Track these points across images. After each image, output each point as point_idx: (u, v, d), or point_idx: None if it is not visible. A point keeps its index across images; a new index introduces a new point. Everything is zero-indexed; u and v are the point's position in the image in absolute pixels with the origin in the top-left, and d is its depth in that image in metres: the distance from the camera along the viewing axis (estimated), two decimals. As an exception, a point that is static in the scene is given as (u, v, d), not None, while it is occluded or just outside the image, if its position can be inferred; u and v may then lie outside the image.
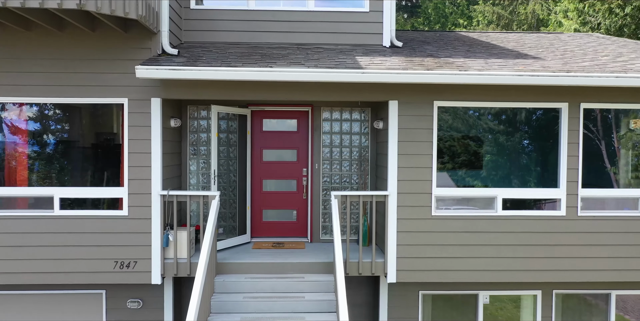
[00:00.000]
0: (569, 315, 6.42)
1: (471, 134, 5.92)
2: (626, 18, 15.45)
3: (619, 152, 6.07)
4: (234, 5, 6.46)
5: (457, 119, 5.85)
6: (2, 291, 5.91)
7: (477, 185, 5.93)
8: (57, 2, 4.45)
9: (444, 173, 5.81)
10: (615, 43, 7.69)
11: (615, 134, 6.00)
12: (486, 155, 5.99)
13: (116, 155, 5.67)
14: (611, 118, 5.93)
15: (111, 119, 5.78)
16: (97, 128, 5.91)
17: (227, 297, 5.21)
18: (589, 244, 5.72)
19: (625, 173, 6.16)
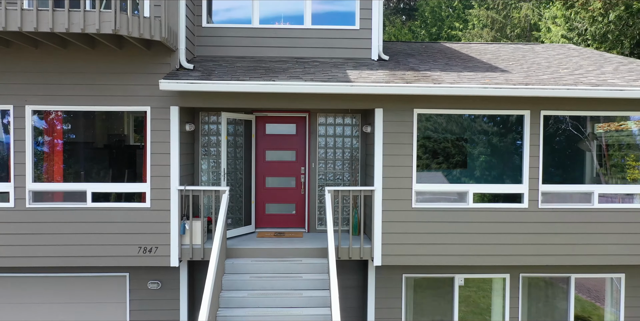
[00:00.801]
0: (535, 296, 7.38)
1: (448, 137, 6.87)
2: (610, 25, 16.35)
3: (593, 152, 7.03)
4: (240, 24, 7.42)
5: (435, 124, 6.81)
6: (39, 274, 6.85)
7: (452, 181, 6.88)
8: (96, 28, 5.41)
9: (424, 171, 6.77)
10: (581, 55, 8.66)
11: (583, 136, 6.96)
12: (461, 155, 6.94)
13: (139, 156, 6.63)
14: (577, 122, 6.89)
15: (136, 124, 6.75)
16: (122, 132, 6.87)
17: (236, 277, 6.16)
18: (549, 232, 6.67)
19: (590, 171, 7.14)
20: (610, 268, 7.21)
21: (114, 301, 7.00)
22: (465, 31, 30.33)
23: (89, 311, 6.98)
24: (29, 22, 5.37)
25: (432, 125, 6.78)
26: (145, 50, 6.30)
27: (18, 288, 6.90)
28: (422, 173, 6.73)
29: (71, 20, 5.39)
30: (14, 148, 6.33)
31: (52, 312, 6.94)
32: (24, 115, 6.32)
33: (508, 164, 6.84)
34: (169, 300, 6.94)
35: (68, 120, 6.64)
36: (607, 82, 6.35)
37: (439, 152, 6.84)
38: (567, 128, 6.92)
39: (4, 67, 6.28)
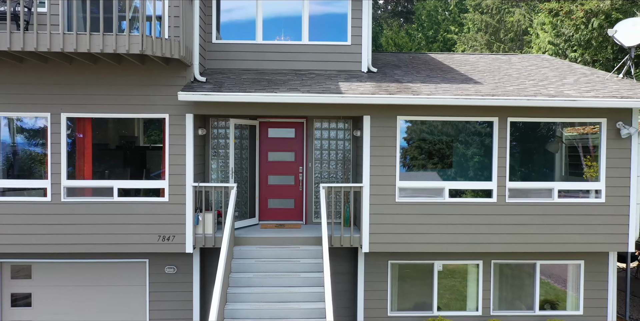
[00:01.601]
0: (505, 281, 8.45)
1: (428, 140, 7.94)
2: (593, 32, 17.36)
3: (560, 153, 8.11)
4: (245, 40, 8.49)
5: (417, 129, 7.88)
6: (72, 260, 7.92)
7: (432, 179, 7.95)
8: (126, 49, 6.49)
9: (405, 169, 7.84)
10: (551, 66, 9.73)
11: (550, 139, 8.04)
12: (439, 156, 8.00)
13: (148, 156, 7.72)
14: (545, 127, 7.96)
15: (155, 129, 7.82)
16: (135, 135, 7.95)
17: (242, 261, 7.24)
18: (516, 224, 7.74)
19: (559, 170, 8.22)
20: (571, 256, 8.28)
21: (136, 285, 8.07)
22: (461, 35, 31.33)
23: (113, 293, 8.05)
24: (69, 44, 6.45)
25: (417, 130, 7.86)
26: (164, 65, 7.36)
27: (54, 272, 7.98)
28: (404, 172, 7.80)
29: (105, 43, 6.47)
30: (51, 150, 7.39)
31: (83, 294, 8.01)
32: (59, 122, 7.38)
33: (480, 164, 7.90)
34: (183, 282, 8.01)
35: (95, 126, 7.70)
36: (563, 93, 7.42)
37: (422, 153, 7.91)
38: (536, 132, 8.00)
39: (42, 80, 7.35)
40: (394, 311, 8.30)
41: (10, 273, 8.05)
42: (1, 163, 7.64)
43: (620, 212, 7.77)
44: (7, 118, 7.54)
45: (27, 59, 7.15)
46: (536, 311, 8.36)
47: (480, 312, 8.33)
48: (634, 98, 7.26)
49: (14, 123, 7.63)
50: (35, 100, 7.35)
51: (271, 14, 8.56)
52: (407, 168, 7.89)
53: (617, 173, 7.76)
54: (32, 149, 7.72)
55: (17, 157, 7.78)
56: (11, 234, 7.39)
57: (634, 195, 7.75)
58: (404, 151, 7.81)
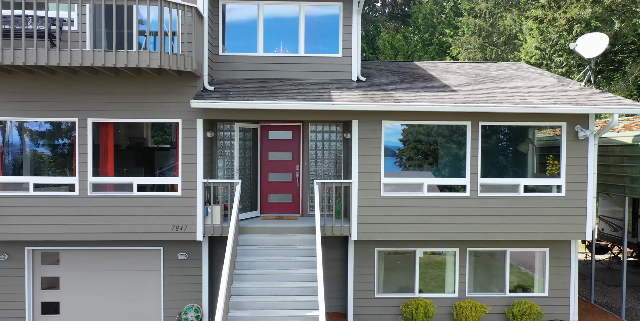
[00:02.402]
0: (479, 266, 9.60)
1: (410, 140, 9.09)
2: (575, 38, 18.48)
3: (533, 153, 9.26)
4: (248, 52, 9.65)
5: (403, 131, 9.03)
6: (96, 247, 9.08)
7: (414, 175, 9.10)
8: (147, 64, 7.64)
9: (391, 167, 8.99)
10: (524, 74, 10.89)
11: (520, 140, 9.19)
12: (419, 156, 9.16)
13: (164, 155, 8.86)
14: (516, 129, 9.11)
15: (167, 132, 8.98)
16: (157, 138, 9.10)
17: (247, 247, 8.39)
18: (487, 215, 8.88)
19: (531, 168, 9.37)
20: (537, 244, 9.44)
21: (151, 269, 9.22)
22: (456, 38, 32.46)
23: (132, 278, 9.21)
24: (98, 60, 7.60)
25: (403, 132, 9.01)
26: (177, 76, 8.51)
27: (80, 259, 9.14)
28: (389, 169, 8.95)
29: (129, 58, 7.62)
30: (79, 151, 8.55)
31: (104, 278, 9.17)
32: (86, 126, 8.54)
33: (456, 162, 9.05)
34: (193, 267, 9.16)
35: (116, 129, 8.86)
36: (526, 100, 8.57)
37: (407, 153, 9.07)
38: (509, 134, 9.17)
39: (71, 89, 8.50)
40: (381, 293, 9.46)
41: (41, 260, 9.20)
42: (31, 162, 8.79)
43: (578, 204, 8.92)
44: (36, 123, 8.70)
45: (58, 71, 8.30)
46: (507, 294, 9.52)
47: (457, 294, 9.49)
48: (587, 105, 8.42)
49: (44, 127, 8.79)
50: (65, 107, 8.50)
51: (271, 29, 9.71)
52: (396, 165, 9.04)
53: (575, 171, 8.91)
54: (59, 150, 8.87)
55: (45, 156, 8.93)
56: (43, 224, 8.53)
57: (590, 190, 8.91)
58: (386, 151, 8.95)
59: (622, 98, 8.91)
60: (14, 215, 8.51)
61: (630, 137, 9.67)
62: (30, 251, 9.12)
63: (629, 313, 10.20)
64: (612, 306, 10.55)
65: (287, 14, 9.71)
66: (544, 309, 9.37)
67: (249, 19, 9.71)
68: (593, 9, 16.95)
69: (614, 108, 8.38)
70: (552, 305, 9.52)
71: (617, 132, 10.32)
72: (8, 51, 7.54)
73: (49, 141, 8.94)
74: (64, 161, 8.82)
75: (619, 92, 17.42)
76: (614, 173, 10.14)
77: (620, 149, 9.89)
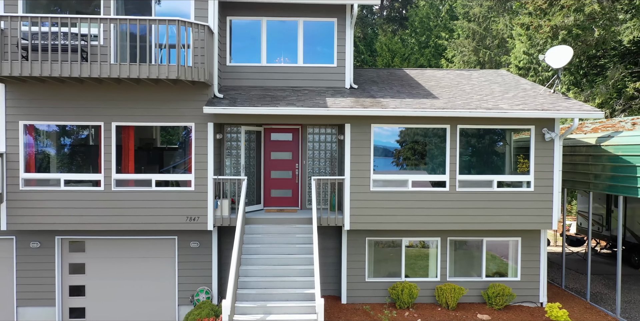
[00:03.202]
0: (458, 254, 10.86)
1: (398, 141, 10.35)
2: (560, 44, 19.73)
3: (510, 153, 10.51)
4: (253, 63, 10.92)
5: (389, 134, 10.29)
6: (118, 237, 10.34)
7: (400, 173, 10.36)
8: (166, 75, 8.90)
9: (380, 164, 10.25)
10: (503, 81, 12.15)
11: (497, 141, 10.45)
12: (406, 155, 10.42)
13: (179, 155, 10.11)
14: (493, 131, 10.36)
15: (170, 133, 10.25)
16: (172, 140, 10.36)
17: (252, 235, 9.66)
18: (465, 207, 10.14)
19: (508, 166, 10.62)
20: (510, 233, 10.71)
21: (167, 256, 10.48)
22: (451, 41, 33.68)
23: (149, 264, 10.47)
24: (123, 72, 8.86)
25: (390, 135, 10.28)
26: (191, 85, 9.78)
27: (103, 247, 10.41)
28: (379, 166, 10.22)
29: (150, 71, 8.88)
30: (104, 151, 9.80)
31: (125, 264, 10.43)
32: (110, 129, 9.80)
33: (437, 161, 10.31)
34: (204, 254, 10.42)
35: (138, 132, 10.12)
36: (498, 106, 9.84)
37: (396, 153, 10.34)
38: (487, 135, 10.42)
39: (98, 97, 9.76)
40: (371, 278, 10.73)
41: (68, 248, 10.46)
42: (61, 161, 10.06)
43: (546, 198, 10.18)
44: (62, 126, 9.96)
45: (86, 81, 9.56)
46: (483, 278, 10.79)
47: (439, 278, 10.76)
48: (552, 110, 9.68)
49: (74, 130, 10.06)
50: (92, 112, 9.77)
51: (273, 41, 10.97)
52: (386, 163, 10.30)
53: (543, 169, 10.18)
54: (86, 150, 10.13)
55: (73, 155, 10.20)
56: (71, 216, 9.79)
57: (556, 185, 10.17)
58: (376, 150, 10.22)
59: (584, 104, 10.18)
60: (46, 207, 9.77)
61: (595, 138, 10.93)
62: (60, 240, 10.38)
63: (594, 296, 11.48)
64: (581, 291, 11.82)
65: (288, 28, 10.98)
66: (516, 292, 10.64)
67: (253, 32, 10.97)
68: (575, 17, 18.19)
69: (575, 113, 9.66)
70: (524, 289, 10.79)
71: (584, 134, 11.59)
72: (46, 64, 8.80)
73: (77, 142, 10.20)
74: (90, 160, 10.07)
75: (599, 95, 18.72)
76: (580, 171, 11.41)
77: (586, 149, 11.16)
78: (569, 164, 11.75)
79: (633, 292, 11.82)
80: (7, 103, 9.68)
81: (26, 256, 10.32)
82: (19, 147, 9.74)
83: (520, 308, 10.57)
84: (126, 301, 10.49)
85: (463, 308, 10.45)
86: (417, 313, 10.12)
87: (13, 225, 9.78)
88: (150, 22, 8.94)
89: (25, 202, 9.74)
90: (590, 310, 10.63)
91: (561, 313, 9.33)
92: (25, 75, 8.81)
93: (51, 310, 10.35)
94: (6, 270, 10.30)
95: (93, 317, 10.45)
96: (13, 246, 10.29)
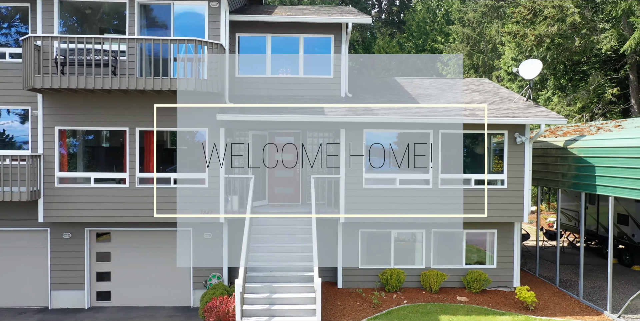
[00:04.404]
0: (441, 244, 12.39)
1: (387, 143, 11.86)
2: (546, 51, 21.13)
3: (490, 154, 12.03)
4: (259, 74, 12.45)
5: (380, 137, 11.80)
6: (138, 228, 11.86)
7: (389, 172, 11.88)
8: (185, 87, 10.43)
9: (372, 164, 11.77)
10: (484, 89, 13.67)
11: (477, 144, 11.97)
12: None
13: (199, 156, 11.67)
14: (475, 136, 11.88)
15: (173, 137, 11.79)
16: (188, 143, 11.90)
17: (258, 227, 11.19)
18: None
19: (489, 166, 12.12)
20: (487, 226, 12.24)
21: (183, 246, 12.01)
22: (447, 45, 35.16)
23: (167, 252, 12.00)
24: (148, 84, 10.39)
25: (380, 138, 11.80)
26: (205, 95, 11.29)
27: (126, 237, 11.95)
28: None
29: (171, 84, 10.41)
30: (129, 152, 11.33)
31: (146, 252, 11.97)
32: (134, 133, 11.32)
33: (422, 161, 11.82)
34: (216, 244, 11.95)
35: (160, 136, 11.65)
36: (474, 113, 11.37)
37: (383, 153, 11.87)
38: (470, 139, 11.93)
39: (124, 105, 11.28)
40: (363, 265, 12.27)
41: (96, 238, 11.99)
42: (90, 161, 11.58)
43: (517, 194, 11.71)
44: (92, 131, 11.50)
45: (114, 91, 11.08)
46: (463, 265, 12.33)
47: (424, 265, 12.30)
48: (522, 117, 11.21)
49: (102, 134, 11.59)
50: (118, 119, 11.29)
51: (277, 55, 12.49)
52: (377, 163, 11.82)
53: (515, 168, 11.71)
54: (112, 152, 11.66)
55: (101, 156, 11.73)
56: (99, 209, 11.31)
57: (526, 183, 11.69)
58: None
59: (550, 111, 11.72)
60: (77, 202, 11.30)
61: (563, 141, 12.46)
62: (88, 231, 11.91)
63: (563, 282, 13.02)
64: (552, 279, 13.37)
65: (290, 43, 12.50)
66: (492, 278, 12.18)
67: (259, 47, 12.50)
68: (559, 26, 19.68)
69: (542, 120, 11.19)
70: (500, 275, 12.32)
71: (555, 137, 13.12)
72: (81, 78, 10.33)
73: (104, 145, 11.72)
74: (116, 160, 11.59)
75: (580, 100, 20.25)
76: (551, 170, 12.94)
77: (555, 151, 12.69)
78: (542, 164, 13.28)
79: (600, 280, 13.33)
80: (44, 111, 11.21)
81: (59, 245, 11.84)
82: (54, 149, 11.27)
83: (496, 292, 12.10)
84: (147, 285, 12.01)
85: (445, 291, 11.98)
86: (403, 295, 11.65)
87: (49, 218, 11.30)
88: (171, 41, 10.47)
89: (59, 197, 11.26)
90: (558, 293, 12.17)
91: (528, 295, 10.84)
92: (63, 87, 10.33)
93: (81, 293, 11.87)
94: (42, 258, 11.83)
95: (117, 300, 11.98)
96: (48, 237, 11.82)
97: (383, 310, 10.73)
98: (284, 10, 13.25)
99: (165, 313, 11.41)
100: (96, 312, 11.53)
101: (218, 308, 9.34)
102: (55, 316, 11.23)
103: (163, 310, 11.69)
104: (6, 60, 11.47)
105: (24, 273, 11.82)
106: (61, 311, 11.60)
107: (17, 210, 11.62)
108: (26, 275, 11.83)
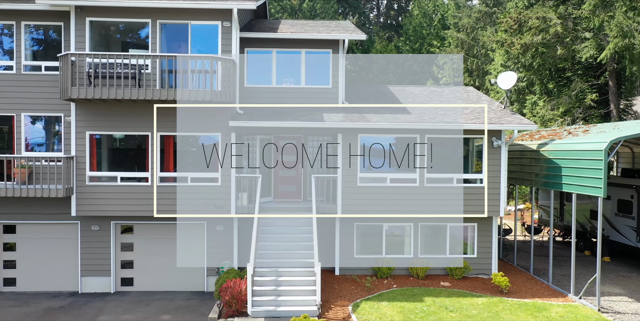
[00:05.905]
0: (428, 236, 14.10)
1: (380, 145, 13.56)
2: (533, 58, 22.78)
3: (472, 156, 13.73)
4: (265, 84, 14.16)
5: (374, 141, 13.50)
6: (158, 222, 13.56)
7: (382, 171, 13.58)
8: (202, 98, 12.12)
9: (365, 165, 13.48)
10: (468, 97, 15.38)
11: (462, 147, 13.68)
12: (386, 157, 13.64)
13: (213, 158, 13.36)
14: (460, 139, 13.59)
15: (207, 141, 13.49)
16: (199, 145, 13.61)
17: (266, 220, 12.89)
18: (431, 199, 13.36)
19: (471, 166, 13.82)
20: (468, 220, 13.96)
21: (197, 238, 13.70)
22: (442, 49, 36.83)
23: (184, 243, 13.69)
24: (170, 95, 12.08)
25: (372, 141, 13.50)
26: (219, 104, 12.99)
27: (148, 230, 13.66)
28: (365, 166, 13.45)
29: (190, 95, 12.10)
30: (150, 154, 13.01)
31: (165, 243, 13.67)
32: (154, 137, 13.01)
33: (410, 161, 13.52)
34: (227, 236, 13.65)
35: (179, 140, 13.34)
36: (456, 120, 13.08)
37: (378, 154, 13.58)
38: (454, 142, 13.63)
39: (146, 113, 12.97)
40: (358, 255, 14.00)
41: (120, 230, 13.69)
42: (117, 161, 13.28)
43: (494, 192, 13.42)
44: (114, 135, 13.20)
45: (138, 101, 12.76)
46: (447, 255, 14.05)
47: (412, 255, 14.01)
48: (498, 123, 12.92)
49: (127, 138, 13.29)
50: (142, 125, 12.99)
51: (281, 67, 14.18)
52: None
53: (492, 169, 13.41)
54: (136, 153, 13.35)
55: (126, 157, 13.43)
56: (124, 205, 13.00)
57: (503, 182, 13.40)
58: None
59: (523, 118, 13.44)
60: (105, 198, 12.99)
61: (536, 144, 14.16)
62: (114, 224, 13.61)
63: (537, 271, 14.75)
64: (528, 267, 15.08)
65: (293, 57, 14.20)
66: (473, 266, 13.90)
67: (265, 60, 14.20)
68: (543, 36, 21.38)
69: (515, 126, 12.90)
70: (480, 263, 14.04)
71: (531, 141, 14.82)
72: (112, 89, 12.03)
73: (130, 147, 13.42)
74: (140, 161, 13.28)
75: (563, 104, 21.97)
76: (526, 170, 14.65)
77: (530, 153, 14.40)
78: (519, 165, 15.00)
79: (570, 269, 15.03)
80: (77, 118, 12.91)
81: (88, 237, 13.54)
82: (85, 151, 12.96)
83: (476, 278, 13.82)
84: (165, 272, 13.71)
85: (430, 278, 13.70)
86: (393, 281, 13.37)
87: (80, 212, 13.00)
88: (190, 58, 12.17)
89: (89, 194, 12.97)
90: (531, 280, 13.89)
91: (502, 280, 12.55)
92: (95, 97, 12.02)
93: (107, 280, 13.57)
94: (72, 247, 13.53)
95: (140, 285, 13.69)
96: (78, 229, 13.52)
97: (375, 293, 12.44)
98: (288, 26, 14.94)
99: (183, 297, 13.11)
100: (121, 296, 13.23)
101: (232, 288, 11.03)
102: (85, 299, 12.93)
103: (180, 294, 13.39)
104: (42, 72, 13.19)
105: (57, 261, 13.53)
106: (90, 295, 13.30)
107: (52, 205, 13.32)
108: (59, 263, 13.53)
